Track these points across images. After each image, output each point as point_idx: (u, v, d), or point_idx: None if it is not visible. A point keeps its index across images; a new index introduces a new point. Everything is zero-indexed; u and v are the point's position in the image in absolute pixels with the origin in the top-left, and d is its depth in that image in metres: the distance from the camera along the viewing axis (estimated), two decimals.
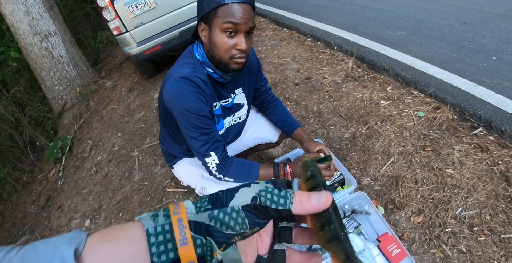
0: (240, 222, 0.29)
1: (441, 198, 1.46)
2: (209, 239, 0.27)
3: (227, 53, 1.00)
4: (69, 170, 3.08)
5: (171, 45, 3.09)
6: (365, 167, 1.73)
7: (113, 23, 2.90)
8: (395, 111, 2.03)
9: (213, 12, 0.94)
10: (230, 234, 0.28)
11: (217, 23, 0.95)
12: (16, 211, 3.50)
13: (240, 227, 0.28)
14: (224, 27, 0.94)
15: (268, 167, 1.18)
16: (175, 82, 1.02)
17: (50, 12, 4.00)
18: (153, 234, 0.26)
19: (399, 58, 2.53)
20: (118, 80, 4.33)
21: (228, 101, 1.25)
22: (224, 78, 1.12)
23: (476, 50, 2.40)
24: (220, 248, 0.27)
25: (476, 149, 1.65)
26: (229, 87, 1.23)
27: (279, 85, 2.75)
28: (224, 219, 0.28)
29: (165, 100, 1.06)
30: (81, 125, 3.77)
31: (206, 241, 0.27)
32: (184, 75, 1.02)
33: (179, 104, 1.02)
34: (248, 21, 0.96)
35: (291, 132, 1.39)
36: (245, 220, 0.29)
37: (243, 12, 0.94)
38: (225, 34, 0.96)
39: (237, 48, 0.98)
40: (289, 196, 0.31)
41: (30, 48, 3.87)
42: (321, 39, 3.26)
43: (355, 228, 1.33)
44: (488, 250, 1.24)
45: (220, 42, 0.98)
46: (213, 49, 1.01)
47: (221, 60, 1.02)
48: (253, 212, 0.30)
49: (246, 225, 0.29)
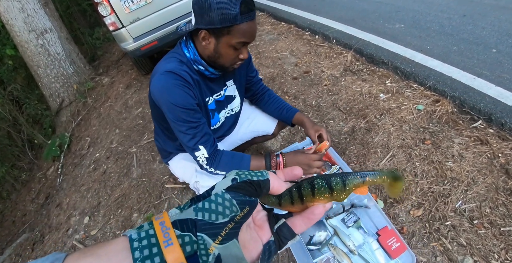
0: (228, 204, 0.27)
1: (441, 191, 1.45)
2: (199, 234, 0.25)
3: (230, 62, 1.06)
4: (68, 168, 3.06)
5: (167, 40, 3.06)
6: (364, 160, 1.72)
7: (109, 19, 2.86)
8: (394, 104, 2.01)
9: (226, 29, 0.95)
10: (221, 223, 0.26)
11: (229, 39, 0.97)
12: (15, 209, 3.50)
13: (230, 210, 0.27)
14: (235, 44, 0.98)
15: (259, 157, 1.16)
16: (161, 76, 1.02)
17: (46, 9, 3.96)
18: (136, 239, 0.24)
19: (398, 51, 2.50)
20: (115, 77, 4.30)
21: (220, 94, 1.25)
22: (215, 74, 1.14)
23: (476, 43, 2.37)
24: (215, 241, 0.26)
25: (476, 142, 1.64)
26: (220, 81, 1.24)
27: (277, 79, 2.73)
28: (211, 207, 0.27)
29: (152, 95, 1.06)
30: (79, 122, 3.75)
31: (196, 237, 0.25)
32: (169, 69, 1.02)
33: (165, 98, 1.02)
34: (255, 36, 1.01)
35: (290, 118, 1.38)
36: (232, 202, 0.28)
37: (254, 30, 0.98)
38: (232, 48, 1.00)
39: (240, 58, 1.05)
40: (264, 172, 0.33)
41: (26, 45, 3.83)
42: (320, 33, 3.23)
43: (354, 222, 1.32)
44: (488, 243, 1.24)
45: (226, 54, 1.02)
46: (217, 58, 1.05)
47: (222, 66, 1.08)
48: (237, 191, 0.29)
49: (235, 206, 0.28)
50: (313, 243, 1.30)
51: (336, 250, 1.26)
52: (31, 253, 2.30)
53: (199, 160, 1.11)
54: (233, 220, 0.27)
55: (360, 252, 1.24)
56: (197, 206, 0.27)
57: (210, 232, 0.26)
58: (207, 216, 0.26)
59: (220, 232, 0.26)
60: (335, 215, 1.35)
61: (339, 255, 1.23)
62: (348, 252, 1.25)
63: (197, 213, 0.26)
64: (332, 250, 1.26)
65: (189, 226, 0.25)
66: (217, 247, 0.25)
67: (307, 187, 0.34)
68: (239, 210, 0.28)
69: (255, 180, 0.31)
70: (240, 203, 0.28)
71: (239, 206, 0.28)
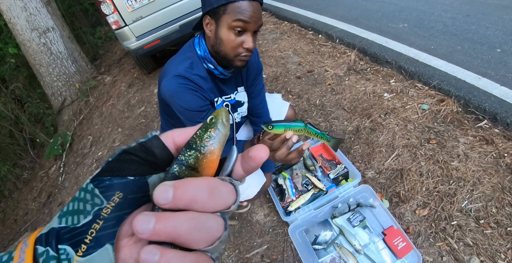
0: (89, 197, 0.21)
1: (446, 191, 1.45)
2: (61, 247, 0.20)
3: (233, 51, 0.98)
4: (70, 167, 3.06)
5: (170, 39, 3.05)
6: (369, 160, 1.71)
7: (111, 17, 2.86)
8: (399, 103, 2.01)
9: (222, 8, 0.92)
10: (83, 225, 0.20)
11: (226, 20, 0.93)
12: (17, 208, 3.50)
13: (91, 204, 0.20)
14: (233, 25, 0.93)
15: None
16: (171, 80, 1.01)
17: (48, 8, 3.95)
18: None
19: (402, 51, 2.49)
20: (117, 76, 4.30)
21: (230, 97, 1.24)
22: (224, 75, 1.11)
23: (480, 42, 2.36)
24: (77, 253, 0.19)
25: (482, 141, 1.63)
26: (231, 84, 1.22)
27: (280, 78, 2.72)
28: (72, 207, 0.21)
29: (163, 95, 1.06)
30: (81, 121, 3.75)
31: (57, 251, 0.20)
32: (180, 73, 1.01)
33: (175, 101, 1.03)
34: (258, 20, 0.94)
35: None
36: (94, 191, 0.21)
37: (254, 11, 0.92)
38: (232, 32, 0.95)
39: (244, 46, 0.97)
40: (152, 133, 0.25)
41: (28, 44, 3.83)
42: (323, 32, 3.22)
43: (360, 221, 1.32)
44: (495, 243, 1.23)
45: (227, 39, 0.96)
46: (219, 45, 0.99)
47: (225, 57, 1.01)
48: (106, 175, 0.21)
49: (98, 197, 0.20)
50: (318, 242, 1.30)
51: (341, 249, 1.25)
52: None
53: None
54: (99, 217, 0.20)
55: (366, 251, 1.24)
56: (62, 210, 0.21)
57: (72, 242, 0.20)
58: (70, 221, 0.20)
59: (83, 238, 0.20)
60: (340, 214, 1.35)
61: (344, 254, 1.23)
62: (354, 251, 1.25)
63: (60, 220, 0.21)
64: (338, 250, 1.26)
65: (49, 238, 0.20)
66: (79, 261, 0.19)
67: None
68: (104, 201, 0.20)
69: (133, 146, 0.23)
70: (106, 190, 0.21)
71: (104, 195, 0.20)
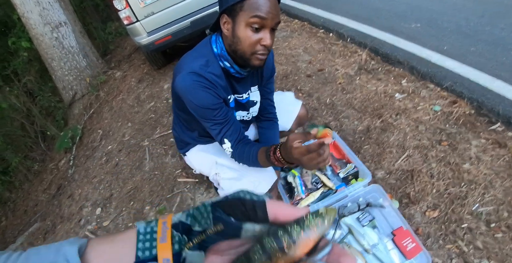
0: (205, 216, 0.29)
1: (457, 193, 1.44)
2: (184, 236, 0.28)
3: (251, 49, 0.97)
4: (80, 160, 3.10)
5: (181, 35, 3.06)
6: (379, 160, 1.70)
7: (123, 12, 2.87)
8: (410, 104, 1.99)
9: (239, 5, 0.91)
10: (196, 231, 0.29)
11: (243, 17, 0.92)
12: (27, 199, 3.56)
13: (204, 221, 0.29)
14: (251, 22, 0.91)
15: (263, 153, 1.02)
16: (186, 77, 1.01)
17: (60, 2, 4.00)
18: (142, 233, 0.29)
19: (414, 51, 2.47)
20: (127, 71, 4.33)
21: (243, 96, 1.24)
22: (240, 74, 1.11)
23: (494, 44, 2.33)
24: (186, 245, 0.28)
25: (494, 144, 1.61)
26: (246, 83, 1.22)
27: (290, 76, 2.71)
28: (194, 213, 0.30)
29: (177, 90, 1.07)
30: (91, 115, 3.79)
31: (182, 237, 0.28)
32: (194, 70, 1.01)
33: (189, 98, 1.03)
34: (275, 17, 0.93)
35: None
36: (209, 215, 0.29)
37: (271, 7, 0.90)
38: (250, 29, 0.93)
39: (262, 43, 0.95)
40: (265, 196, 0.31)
41: (41, 38, 3.88)
42: (334, 31, 3.20)
43: (369, 221, 1.31)
44: (505, 248, 1.22)
45: (244, 37, 0.95)
46: (236, 44, 0.98)
47: (243, 55, 1.00)
48: (221, 207, 0.29)
49: (210, 220, 0.29)
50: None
51: (350, 248, 1.25)
52: (43, 242, 2.34)
53: (227, 153, 1.14)
54: (204, 232, 0.28)
55: (374, 251, 1.24)
56: (189, 211, 0.30)
57: (189, 237, 0.29)
58: (192, 222, 0.29)
59: (193, 238, 0.28)
60: (350, 213, 1.35)
61: (353, 254, 1.23)
62: (362, 251, 1.25)
63: (187, 217, 0.30)
64: (347, 249, 1.26)
65: (180, 228, 0.29)
66: (185, 251, 0.28)
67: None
68: (211, 225, 0.28)
69: (248, 199, 0.29)
70: (215, 219, 0.29)
71: (213, 221, 0.28)
